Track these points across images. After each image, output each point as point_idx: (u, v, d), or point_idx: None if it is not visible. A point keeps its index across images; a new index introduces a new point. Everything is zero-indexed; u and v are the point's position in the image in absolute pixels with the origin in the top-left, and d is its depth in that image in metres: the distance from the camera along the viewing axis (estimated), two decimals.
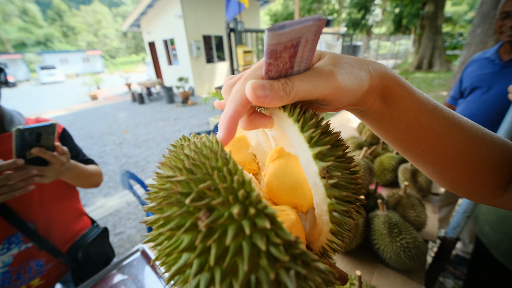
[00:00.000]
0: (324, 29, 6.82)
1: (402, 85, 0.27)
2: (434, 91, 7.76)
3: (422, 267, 0.84)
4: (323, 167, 0.19)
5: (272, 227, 0.15)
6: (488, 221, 0.98)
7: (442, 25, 11.58)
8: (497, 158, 0.29)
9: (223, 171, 0.17)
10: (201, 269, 0.16)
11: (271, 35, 0.17)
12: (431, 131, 0.28)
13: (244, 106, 0.21)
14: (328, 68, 0.21)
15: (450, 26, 22.81)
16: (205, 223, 0.15)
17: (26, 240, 0.76)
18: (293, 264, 0.15)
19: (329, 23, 15.14)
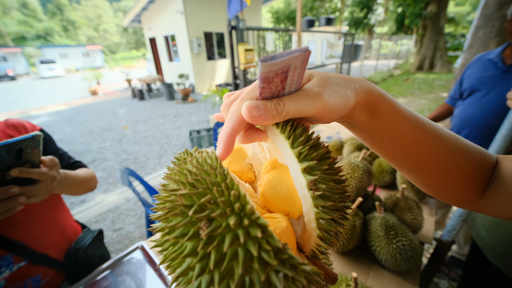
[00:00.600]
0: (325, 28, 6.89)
1: (386, 100, 0.29)
2: (435, 92, 7.76)
3: (417, 269, 0.85)
4: (310, 180, 0.21)
5: (263, 235, 0.18)
6: (484, 225, 0.99)
7: (444, 25, 11.54)
8: (474, 166, 0.32)
9: (221, 186, 0.20)
10: (202, 271, 0.18)
11: (264, 65, 0.19)
12: (414, 142, 0.30)
13: (241, 125, 0.23)
14: (316, 90, 0.24)
15: (453, 26, 22.73)
16: (205, 232, 0.18)
17: (18, 260, 0.70)
18: (282, 267, 0.17)
19: (331, 21, 15.06)
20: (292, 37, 6.62)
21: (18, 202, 0.57)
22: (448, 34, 21.92)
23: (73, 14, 50.52)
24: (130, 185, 1.77)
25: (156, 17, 10.05)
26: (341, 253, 0.93)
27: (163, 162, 3.99)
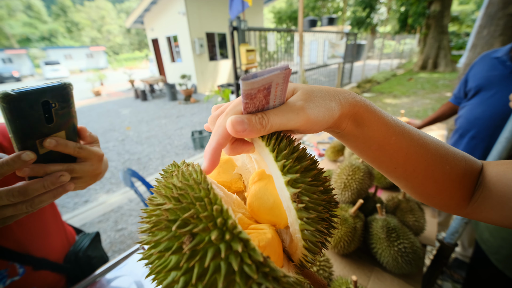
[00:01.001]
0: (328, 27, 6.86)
1: (371, 111, 0.30)
2: (439, 91, 7.69)
3: (419, 272, 0.85)
4: (293, 193, 0.21)
5: (245, 249, 0.18)
6: (488, 227, 0.98)
7: (448, 24, 11.43)
8: (460, 173, 0.33)
9: (204, 201, 0.20)
10: (185, 285, 0.18)
11: (245, 84, 0.20)
12: (400, 150, 0.31)
13: (226, 138, 0.24)
14: (299, 104, 0.25)
15: (457, 25, 22.50)
16: (188, 247, 0.18)
17: (12, 274, 0.65)
18: (264, 280, 0.18)
19: (333, 21, 15.00)
20: (294, 37, 6.61)
21: (65, 191, 0.43)
22: (452, 33, 21.70)
23: (76, 15, 51.05)
24: (132, 186, 1.78)
25: (159, 18, 10.11)
26: (342, 255, 0.92)
27: (166, 162, 4.00)
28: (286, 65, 0.21)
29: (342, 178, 0.95)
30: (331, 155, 1.59)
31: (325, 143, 1.97)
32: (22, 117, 0.34)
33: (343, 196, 0.95)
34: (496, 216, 0.32)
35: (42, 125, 0.38)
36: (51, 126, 0.39)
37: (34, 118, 0.36)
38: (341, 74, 8.04)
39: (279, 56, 5.92)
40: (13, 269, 0.65)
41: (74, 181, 0.46)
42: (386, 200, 1.02)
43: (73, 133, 0.43)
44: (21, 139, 0.36)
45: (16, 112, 0.34)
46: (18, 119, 0.34)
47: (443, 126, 2.29)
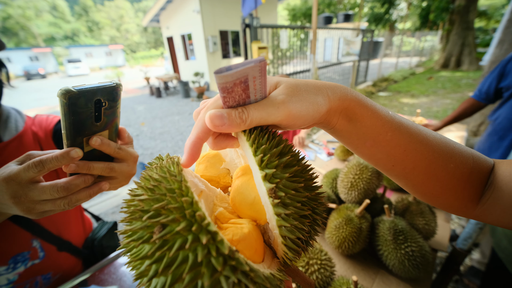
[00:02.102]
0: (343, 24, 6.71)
1: (364, 105, 0.29)
2: (461, 91, 7.28)
3: (428, 277, 0.81)
4: (270, 188, 0.21)
5: (212, 241, 0.18)
6: (506, 235, 0.92)
7: (474, 20, 10.76)
8: (466, 172, 0.30)
9: (176, 192, 0.20)
10: (155, 274, 0.19)
11: (219, 77, 0.20)
12: (398, 146, 0.29)
13: (206, 133, 0.24)
14: (281, 98, 0.24)
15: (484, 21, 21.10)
16: (157, 237, 0.19)
17: (34, 257, 0.71)
18: (231, 274, 0.18)
19: (349, 18, 14.58)
20: (308, 34, 6.50)
21: (100, 190, 0.45)
22: (479, 29, 20.38)
23: (97, 15, 53.14)
24: None
25: (174, 16, 10.30)
26: (346, 255, 0.90)
27: None
28: (261, 57, 0.21)
29: (349, 177, 0.92)
30: (340, 154, 1.56)
31: (335, 142, 1.93)
32: (76, 114, 0.36)
33: (350, 196, 0.92)
34: (509, 219, 0.29)
35: (91, 123, 0.39)
36: (98, 124, 0.40)
37: (86, 115, 0.37)
38: (355, 72, 7.81)
39: (293, 53, 5.84)
40: (34, 252, 0.72)
41: (110, 181, 0.46)
42: (396, 201, 0.98)
43: (115, 133, 0.45)
44: (72, 135, 0.37)
45: (72, 108, 0.35)
46: (73, 115, 0.35)
47: (462, 127, 2.17)
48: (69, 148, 0.38)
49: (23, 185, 0.37)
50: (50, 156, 0.37)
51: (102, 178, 0.46)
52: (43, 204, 0.39)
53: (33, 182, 0.38)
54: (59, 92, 0.33)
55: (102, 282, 0.75)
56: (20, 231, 0.67)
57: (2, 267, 0.66)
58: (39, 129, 0.72)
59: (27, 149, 0.66)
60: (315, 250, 0.74)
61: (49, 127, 0.74)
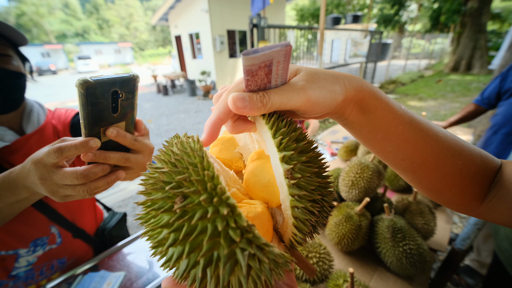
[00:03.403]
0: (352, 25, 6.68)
1: (378, 97, 0.29)
2: (471, 95, 7.14)
3: (425, 275, 0.83)
4: (287, 169, 0.22)
5: (231, 214, 0.19)
6: (508, 237, 0.93)
7: (487, 22, 10.52)
8: (473, 169, 0.31)
9: (197, 166, 0.21)
10: (174, 242, 0.20)
11: (246, 59, 0.20)
12: (408, 141, 0.30)
13: (227, 114, 0.25)
14: (301, 84, 0.25)
15: (498, 23, 20.57)
16: (178, 206, 0.19)
17: (52, 242, 0.77)
18: (247, 246, 0.19)
19: (358, 19, 14.44)
20: (316, 35, 6.49)
21: (117, 178, 0.47)
22: (492, 32, 19.88)
23: (107, 13, 54.01)
24: None
25: (182, 15, 10.40)
26: (345, 252, 0.93)
27: None
28: (287, 42, 0.21)
29: (350, 176, 0.95)
30: (343, 154, 1.57)
31: (338, 143, 1.94)
32: (94, 104, 0.36)
33: (350, 194, 0.94)
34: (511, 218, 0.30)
35: (108, 114, 0.40)
36: (115, 116, 0.41)
37: (103, 106, 0.38)
38: (363, 74, 7.75)
39: (300, 55, 5.84)
40: (53, 238, 0.77)
41: (126, 171, 0.48)
42: (396, 201, 1.00)
43: (131, 124, 0.46)
44: (90, 125, 0.39)
45: (90, 99, 0.36)
46: (91, 105, 0.36)
47: (469, 131, 2.15)
48: (88, 137, 0.40)
49: (48, 169, 0.41)
50: (69, 144, 0.40)
51: (118, 167, 0.48)
52: (65, 188, 0.42)
53: (57, 167, 0.41)
54: (77, 82, 0.34)
55: (111, 268, 0.80)
56: (39, 217, 0.73)
57: (23, 249, 0.72)
58: (58, 122, 0.78)
59: (48, 141, 0.71)
60: (315, 244, 0.76)
61: (66, 120, 0.79)
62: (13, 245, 0.70)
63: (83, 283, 0.74)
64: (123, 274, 0.77)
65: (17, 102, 0.66)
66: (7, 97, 0.63)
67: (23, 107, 0.72)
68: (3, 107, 0.63)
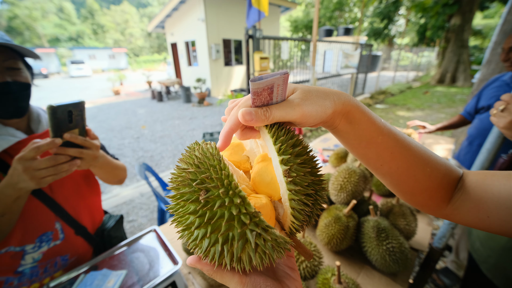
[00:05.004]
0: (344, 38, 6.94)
1: (362, 111, 0.34)
2: (455, 106, 7.49)
3: (407, 272, 0.90)
4: (285, 169, 0.28)
5: (242, 203, 0.25)
6: (479, 237, 1.01)
7: (468, 38, 11.15)
8: (439, 176, 0.37)
9: (216, 167, 0.28)
10: (199, 225, 0.26)
11: (252, 84, 0.27)
12: (386, 149, 0.35)
13: (237, 125, 0.31)
14: (297, 101, 0.31)
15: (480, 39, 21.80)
16: (203, 197, 0.26)
17: (55, 238, 0.82)
18: (255, 227, 0.25)
19: (350, 31, 15.02)
20: (309, 45, 6.72)
21: (75, 163, 0.68)
22: (475, 47, 21.05)
23: (103, 18, 54.01)
24: (146, 178, 1.91)
25: (179, 23, 10.57)
26: (334, 252, 0.99)
27: (177, 161, 4.17)
28: (285, 71, 0.27)
29: (339, 180, 1.02)
30: (334, 161, 1.65)
31: (329, 150, 2.03)
32: (56, 119, 0.61)
33: (339, 197, 1.02)
34: (472, 218, 0.36)
35: (66, 125, 0.65)
36: (71, 125, 0.66)
37: (62, 120, 0.63)
38: (354, 85, 8.03)
39: (293, 64, 6.04)
40: (56, 233, 0.82)
41: (81, 160, 0.71)
42: (381, 204, 1.08)
43: (83, 130, 0.71)
44: (54, 131, 0.63)
45: (54, 115, 0.60)
46: (54, 119, 0.61)
47: (451, 140, 2.29)
48: (53, 138, 0.63)
49: (29, 160, 0.60)
50: (43, 143, 0.61)
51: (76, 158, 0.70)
52: (41, 171, 0.61)
53: (34, 159, 0.61)
54: (47, 106, 0.59)
55: (112, 267, 0.83)
56: (46, 211, 0.78)
57: (30, 245, 0.76)
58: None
59: None
60: (306, 242, 0.82)
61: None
62: (21, 241, 0.74)
63: (85, 282, 0.77)
64: (125, 273, 0.80)
65: (25, 109, 0.76)
66: (17, 106, 0.73)
67: (30, 112, 0.82)
68: (14, 114, 0.73)
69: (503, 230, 0.32)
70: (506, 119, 0.68)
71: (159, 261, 0.84)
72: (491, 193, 0.33)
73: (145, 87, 14.44)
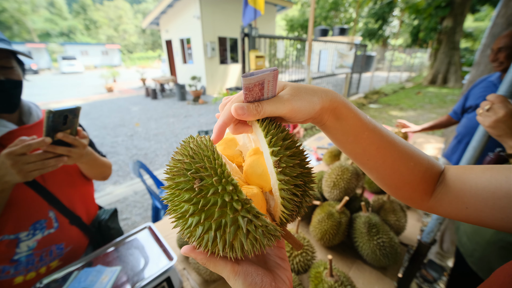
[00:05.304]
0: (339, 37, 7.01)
1: (348, 108, 0.36)
2: (446, 107, 7.66)
3: (396, 266, 0.93)
4: (275, 160, 0.30)
5: (234, 190, 0.27)
6: (465, 232, 1.05)
7: (459, 40, 11.39)
8: (422, 169, 0.39)
9: (210, 157, 0.29)
10: (193, 212, 0.27)
11: (244, 79, 0.29)
12: (372, 144, 0.37)
13: (230, 119, 0.32)
14: (286, 97, 0.32)
15: (470, 42, 22.31)
16: (197, 185, 0.27)
17: (49, 226, 0.84)
18: (247, 214, 0.26)
19: (345, 31, 15.15)
20: (305, 44, 6.75)
21: (62, 160, 0.73)
22: (466, 49, 21.54)
23: (95, 14, 52.86)
24: (140, 176, 1.90)
25: (174, 20, 10.45)
26: (327, 247, 1.01)
27: None
28: (274, 68, 0.30)
29: (332, 178, 1.04)
30: (328, 159, 1.68)
31: (323, 149, 2.06)
32: (53, 122, 0.67)
33: (332, 194, 1.04)
34: (452, 209, 0.38)
35: (60, 126, 0.71)
36: (64, 127, 0.72)
37: (58, 122, 0.69)
38: (348, 84, 8.11)
39: (289, 63, 6.06)
40: (50, 221, 0.85)
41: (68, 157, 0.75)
42: (373, 201, 1.10)
43: (74, 131, 0.76)
44: (48, 132, 0.69)
45: (52, 119, 0.67)
46: (51, 122, 0.67)
47: (441, 139, 2.35)
48: (43, 137, 0.67)
49: (18, 156, 0.64)
50: (33, 142, 0.66)
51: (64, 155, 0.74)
52: (29, 165, 0.66)
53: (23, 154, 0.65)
54: (46, 110, 0.65)
55: (106, 264, 0.83)
56: (39, 200, 0.81)
57: (24, 232, 0.79)
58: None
59: None
60: (299, 238, 0.84)
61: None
62: (14, 229, 0.77)
63: (79, 278, 0.77)
64: (119, 269, 0.80)
65: (17, 105, 0.80)
66: (10, 102, 0.76)
67: (21, 106, 0.86)
68: (6, 109, 0.77)
69: (480, 220, 0.34)
70: (491, 118, 0.71)
71: (154, 257, 0.84)
72: (469, 185, 0.35)
73: (139, 84, 14.25)
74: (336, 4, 25.65)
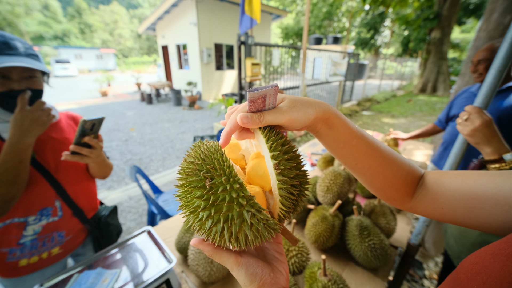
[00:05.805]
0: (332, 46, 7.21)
1: (339, 118, 0.40)
2: (436, 114, 7.90)
3: (387, 267, 0.97)
4: (275, 163, 0.34)
5: (240, 188, 0.31)
6: (453, 234, 1.11)
7: (447, 51, 11.86)
8: (404, 173, 0.43)
9: (219, 160, 0.34)
10: (204, 207, 0.31)
11: (249, 93, 0.33)
12: (360, 150, 0.41)
13: (236, 127, 0.37)
14: (285, 108, 0.37)
15: (458, 52, 23.24)
16: (208, 184, 0.31)
17: (54, 214, 0.93)
18: (251, 208, 0.31)
19: (338, 40, 15.56)
20: (300, 52, 6.91)
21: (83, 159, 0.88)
22: (453, 59, 22.41)
23: (91, 18, 52.73)
24: (136, 180, 1.91)
25: (170, 26, 10.55)
26: (321, 249, 1.05)
27: (166, 164, 4.13)
28: (275, 84, 0.34)
29: (326, 182, 1.09)
30: (322, 165, 1.73)
31: (318, 154, 2.12)
32: (84, 128, 0.83)
33: (326, 198, 1.08)
34: (430, 210, 0.43)
35: (88, 132, 0.86)
36: (90, 132, 0.87)
37: (87, 129, 0.84)
38: (341, 92, 8.30)
39: (284, 70, 6.18)
40: (55, 210, 0.94)
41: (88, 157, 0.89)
42: (364, 205, 1.15)
43: (96, 135, 0.91)
44: (79, 136, 0.84)
45: (83, 126, 0.82)
46: (82, 129, 0.83)
47: (430, 146, 2.44)
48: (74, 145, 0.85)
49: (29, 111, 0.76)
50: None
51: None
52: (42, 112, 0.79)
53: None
54: (81, 120, 0.80)
55: (106, 266, 0.84)
56: (49, 189, 0.91)
57: (32, 216, 0.87)
58: (72, 120, 1.06)
59: (64, 129, 0.99)
60: None
61: (76, 119, 1.08)
62: (25, 212, 0.86)
63: (79, 281, 0.78)
64: (119, 271, 0.82)
65: None
66: None
67: None
68: None
69: (453, 219, 0.39)
70: (469, 127, 0.77)
71: (153, 260, 0.86)
72: (444, 188, 0.40)
73: (134, 89, 14.18)
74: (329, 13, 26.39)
